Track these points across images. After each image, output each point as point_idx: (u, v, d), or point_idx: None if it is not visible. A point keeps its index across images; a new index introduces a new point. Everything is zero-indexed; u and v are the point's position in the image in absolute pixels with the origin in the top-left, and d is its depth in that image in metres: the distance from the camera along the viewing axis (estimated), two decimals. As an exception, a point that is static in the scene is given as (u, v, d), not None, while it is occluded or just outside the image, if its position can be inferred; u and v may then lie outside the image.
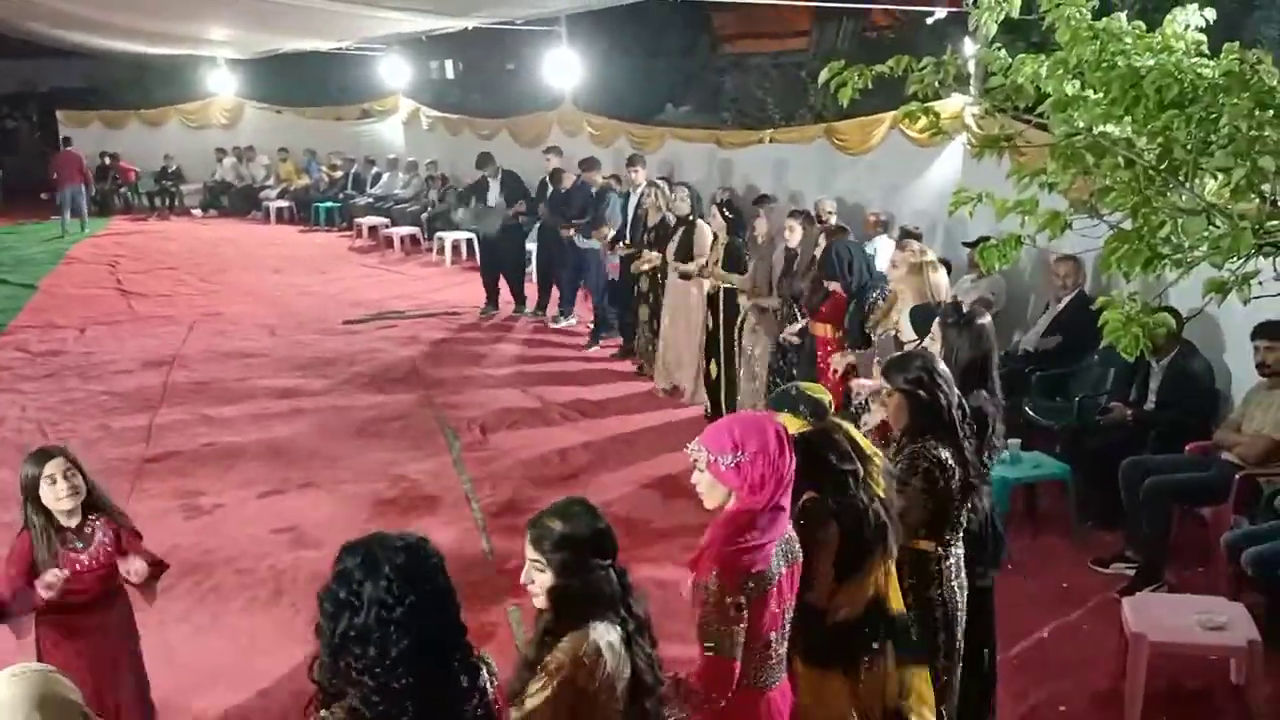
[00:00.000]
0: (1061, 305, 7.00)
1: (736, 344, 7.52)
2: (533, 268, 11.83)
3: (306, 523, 6.19)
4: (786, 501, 2.71)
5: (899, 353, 4.10)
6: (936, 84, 2.85)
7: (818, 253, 6.51)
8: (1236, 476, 5.08)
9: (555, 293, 11.29)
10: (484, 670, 2.19)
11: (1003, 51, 2.95)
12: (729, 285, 7.54)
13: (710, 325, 7.74)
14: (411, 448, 7.44)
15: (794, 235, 6.90)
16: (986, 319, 3.95)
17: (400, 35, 16.34)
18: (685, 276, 8.13)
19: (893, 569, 3.05)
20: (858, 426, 3.40)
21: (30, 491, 3.40)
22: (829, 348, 6.22)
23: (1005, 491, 5.60)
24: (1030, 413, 6.48)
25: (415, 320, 11.37)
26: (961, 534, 3.43)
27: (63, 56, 23.53)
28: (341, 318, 11.45)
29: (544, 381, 9.05)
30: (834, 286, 6.14)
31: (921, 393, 3.29)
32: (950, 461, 3.26)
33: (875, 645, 2.97)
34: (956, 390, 3.38)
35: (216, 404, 8.48)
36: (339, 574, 2.06)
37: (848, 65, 3.04)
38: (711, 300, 7.73)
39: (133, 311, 12.05)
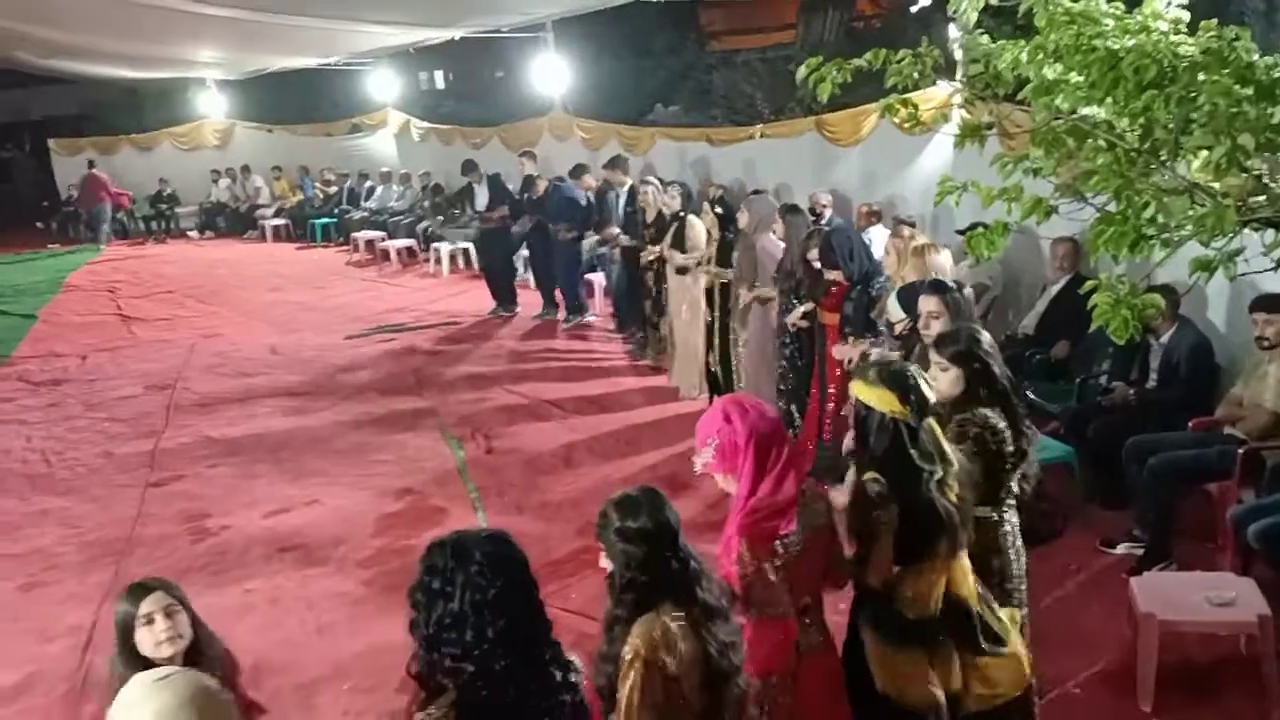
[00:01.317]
0: (1059, 288, 7.00)
1: (732, 335, 7.63)
2: (528, 272, 12.09)
3: (314, 541, 6.19)
4: (783, 461, 2.78)
5: (949, 328, 4.12)
6: (915, 75, 2.85)
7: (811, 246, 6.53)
8: (1240, 451, 5.07)
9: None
10: (574, 664, 2.27)
11: (985, 37, 2.95)
12: (723, 280, 7.58)
13: (709, 319, 7.80)
14: (416, 460, 7.44)
15: (780, 228, 7.10)
16: (967, 291, 4.26)
17: (388, 49, 16.38)
18: (681, 270, 8.20)
19: (966, 567, 3.05)
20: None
21: (124, 634, 2.79)
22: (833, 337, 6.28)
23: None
24: (1031, 396, 6.47)
25: (415, 331, 11.38)
26: (1014, 501, 3.48)
27: (54, 84, 23.66)
28: (342, 333, 11.47)
29: (546, 385, 9.06)
30: (834, 275, 6.13)
31: (975, 364, 3.38)
32: (1002, 426, 3.32)
33: (945, 637, 2.99)
34: (1003, 362, 3.48)
35: (220, 425, 8.50)
36: (429, 568, 2.13)
37: (831, 58, 3.05)
38: (709, 294, 7.80)
39: (133, 336, 12.07)
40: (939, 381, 3.42)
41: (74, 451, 8.07)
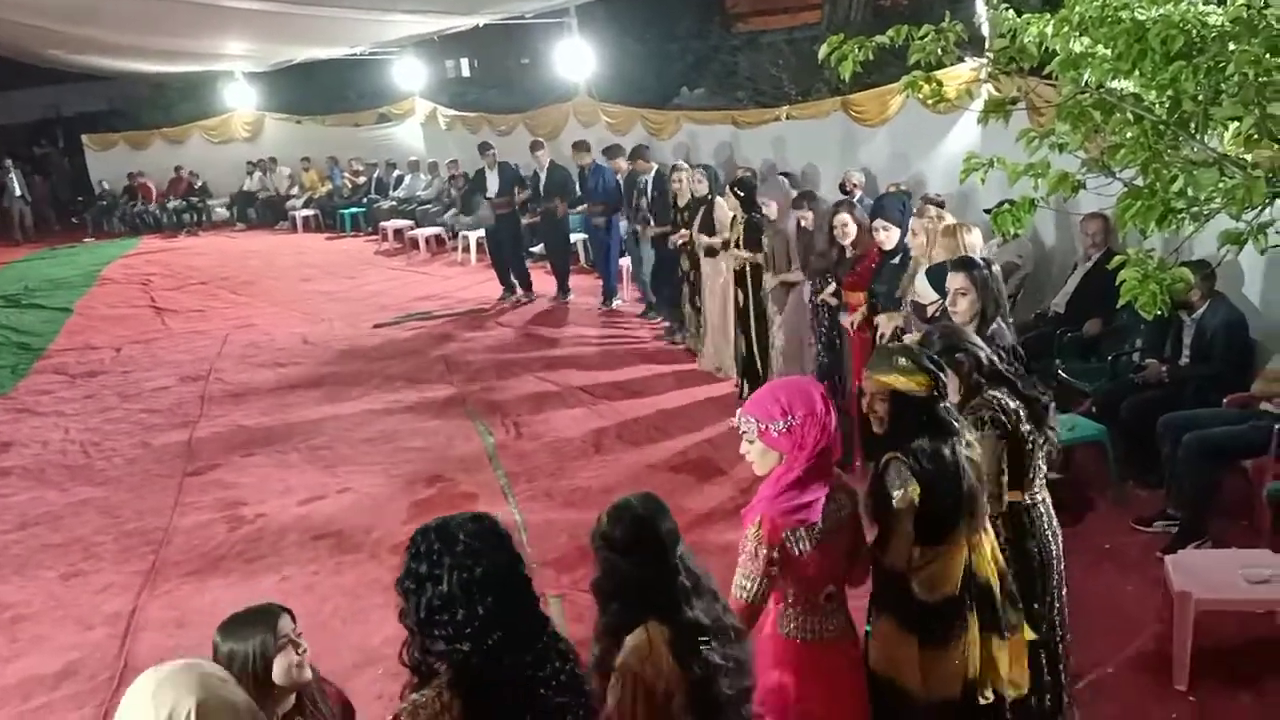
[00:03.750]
0: (1090, 264, 6.92)
1: (767, 318, 7.61)
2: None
3: (347, 527, 6.25)
4: (830, 455, 2.80)
5: (919, 338, 4.10)
6: (939, 51, 2.82)
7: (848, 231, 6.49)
8: (1276, 427, 5.00)
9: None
10: (562, 641, 2.25)
11: (1011, 12, 2.92)
12: (752, 262, 7.55)
13: (740, 301, 7.76)
14: (447, 447, 7.49)
15: (807, 217, 7.11)
16: (996, 267, 4.18)
17: (413, 37, 16.41)
18: (710, 253, 8.22)
19: (984, 539, 3.03)
20: None
21: (260, 662, 2.49)
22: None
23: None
24: (1063, 375, 6.42)
25: (444, 319, 11.44)
26: (1043, 480, 3.46)
27: (85, 81, 23.93)
28: (371, 321, 11.54)
29: (575, 370, 9.09)
30: (885, 237, 6.04)
31: (958, 356, 3.35)
32: (1014, 405, 3.30)
33: (965, 618, 2.97)
34: (981, 341, 3.46)
35: (254, 414, 8.58)
36: (415, 554, 2.14)
37: (853, 37, 3.02)
38: (739, 276, 7.76)
39: (167, 328, 12.21)
40: (949, 390, 3.40)
41: (111, 442, 8.19)
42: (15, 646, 5.20)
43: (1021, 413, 3.31)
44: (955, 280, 4.07)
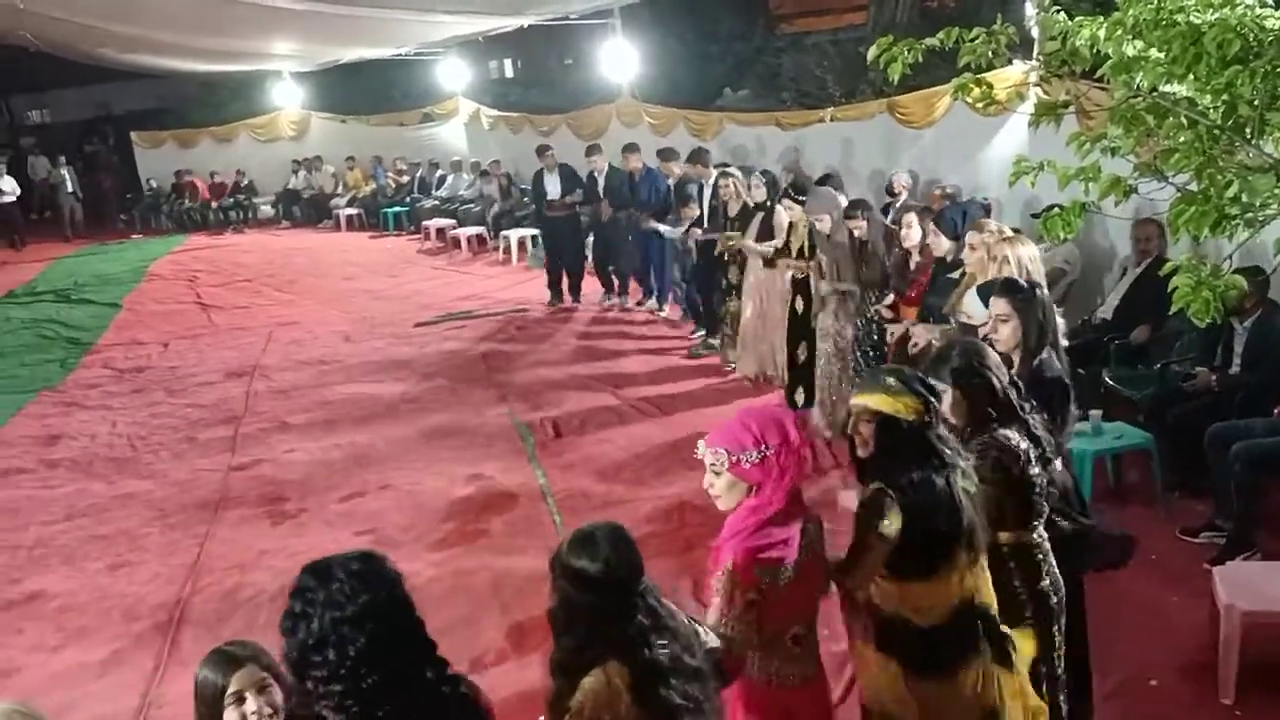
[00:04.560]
0: (1140, 270, 6.82)
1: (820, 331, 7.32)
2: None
3: (387, 525, 6.30)
4: (799, 487, 2.70)
5: (939, 343, 4.03)
6: (989, 54, 2.79)
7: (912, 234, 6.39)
8: (1329, 438, 4.91)
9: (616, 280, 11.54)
10: (463, 684, 2.16)
11: (1062, 15, 2.89)
12: (805, 273, 7.38)
13: (799, 310, 7.55)
14: (486, 446, 7.53)
15: (861, 227, 6.76)
16: (1044, 291, 3.96)
17: (458, 38, 16.52)
18: (769, 263, 7.95)
19: (983, 567, 2.95)
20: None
21: (209, 706, 2.38)
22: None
23: (1088, 463, 5.49)
24: (1111, 382, 6.34)
25: (485, 319, 11.50)
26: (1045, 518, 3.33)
27: (135, 79, 24.34)
28: (413, 320, 11.62)
29: (617, 375, 9.08)
30: (945, 250, 5.92)
31: (976, 379, 3.19)
32: (1024, 447, 3.15)
33: (975, 646, 2.88)
34: (1005, 371, 3.30)
35: (296, 411, 8.68)
36: (294, 591, 2.07)
37: (902, 39, 3.00)
38: (800, 285, 7.55)
39: (213, 324, 12.38)
40: (943, 405, 3.23)
41: (158, 436, 8.31)
42: (61, 636, 5.29)
43: (1031, 454, 3.16)
44: (997, 305, 3.85)
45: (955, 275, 5.75)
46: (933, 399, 2.84)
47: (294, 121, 21.79)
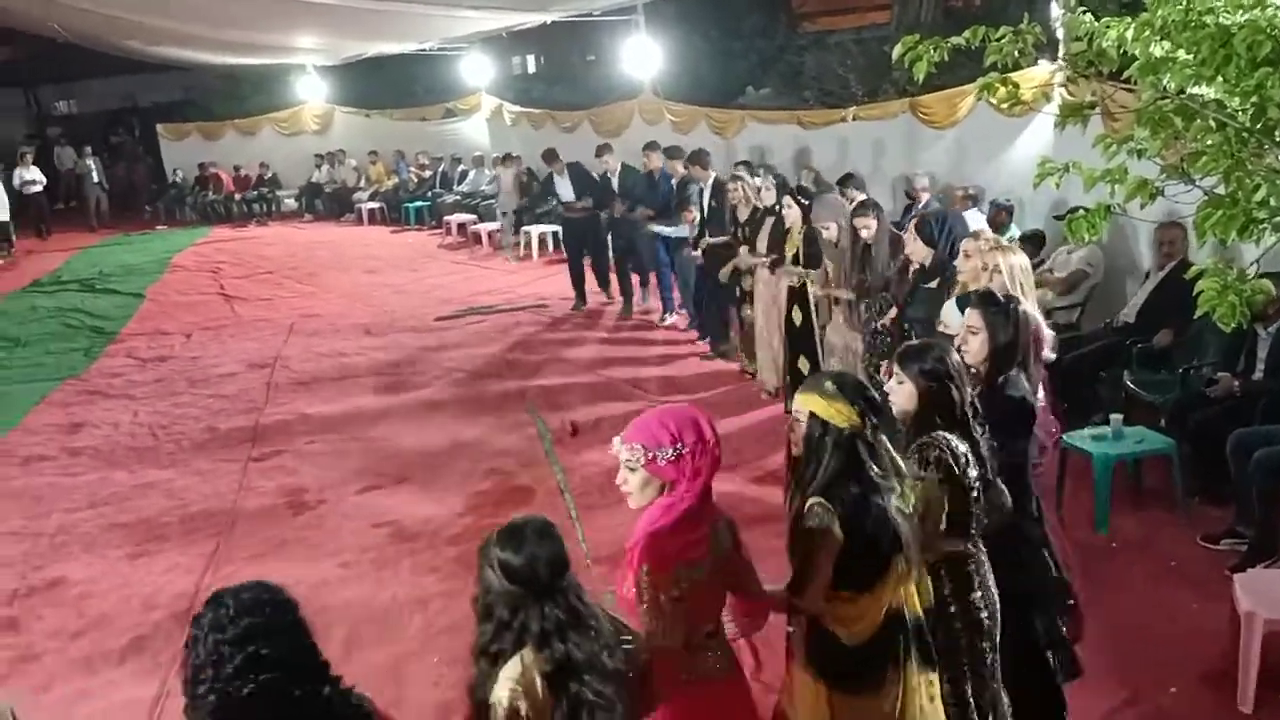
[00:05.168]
0: (1163, 274, 6.77)
1: (821, 337, 7.22)
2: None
3: (405, 517, 6.33)
4: (710, 486, 2.68)
5: (914, 341, 3.96)
6: (1015, 53, 2.77)
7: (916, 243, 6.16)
8: (1354, 446, 4.86)
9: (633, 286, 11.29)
10: (364, 702, 2.24)
11: (1088, 15, 2.87)
12: (805, 279, 7.23)
13: (800, 319, 7.37)
14: (504, 440, 7.54)
15: (869, 227, 6.51)
16: (1025, 306, 3.86)
17: (481, 33, 16.54)
18: (772, 270, 7.71)
19: (914, 591, 2.90)
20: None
21: None
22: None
23: (1107, 468, 5.46)
24: (1132, 386, 6.30)
25: (505, 314, 11.52)
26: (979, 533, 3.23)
27: (160, 71, 24.49)
28: (433, 315, 11.67)
29: (633, 370, 9.10)
30: (924, 256, 5.85)
31: (935, 384, 3.13)
32: (963, 450, 3.09)
33: (896, 662, 2.83)
34: (969, 388, 3.23)
35: (317, 403, 8.72)
36: (193, 618, 2.16)
37: (926, 38, 2.99)
38: (796, 293, 7.38)
39: (235, 316, 12.46)
40: (894, 394, 3.21)
41: (179, 426, 8.37)
42: (82, 622, 5.34)
43: (969, 458, 3.09)
44: (969, 316, 3.72)
45: (933, 285, 5.61)
46: (871, 413, 2.76)
47: (318, 115, 21.89)
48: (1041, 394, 4.12)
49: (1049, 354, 4.29)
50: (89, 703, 4.60)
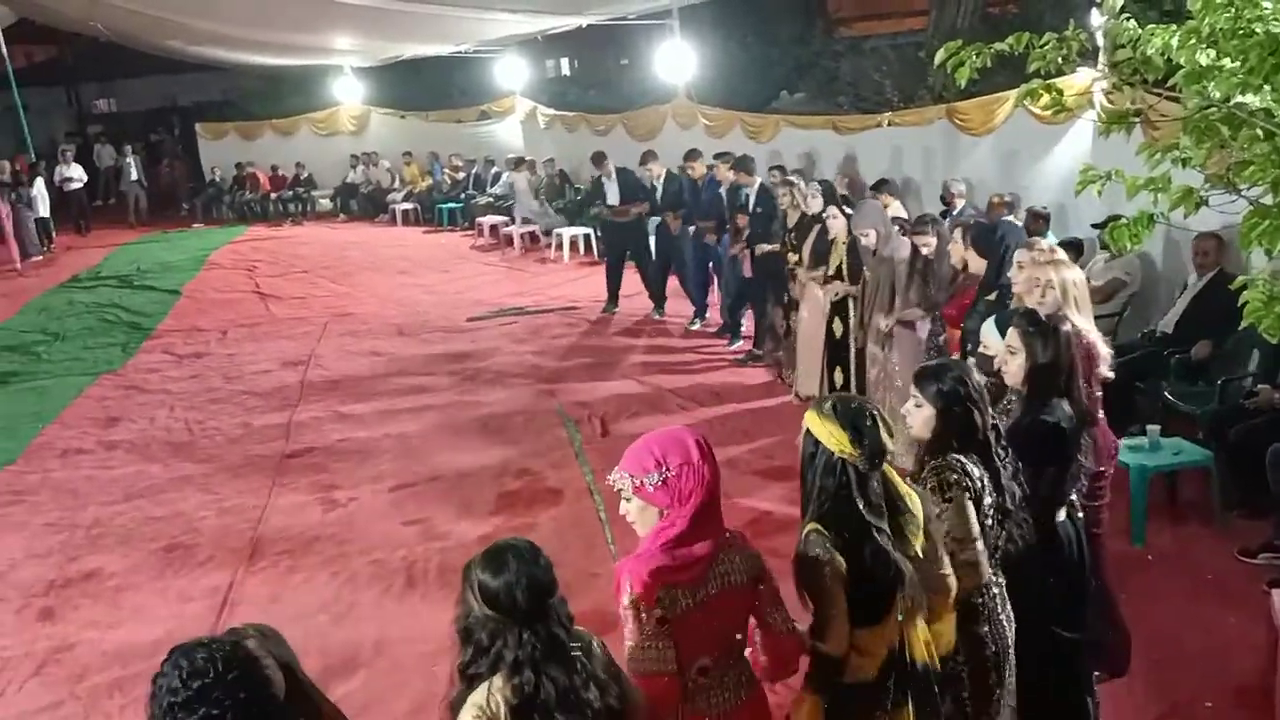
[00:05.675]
0: (1201, 284, 6.70)
1: (869, 357, 7.00)
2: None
3: (436, 515, 6.36)
4: (718, 513, 2.56)
5: (932, 361, 3.80)
6: (1059, 60, 2.75)
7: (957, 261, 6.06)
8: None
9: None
10: None
11: (1131, 22, 2.84)
12: (847, 294, 7.14)
13: (840, 331, 7.25)
14: (534, 441, 7.57)
15: (929, 244, 6.36)
16: (1068, 326, 3.66)
17: (516, 36, 16.63)
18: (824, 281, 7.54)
19: (920, 623, 2.75)
20: None
21: None
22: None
23: (1144, 480, 5.41)
24: (1169, 397, 6.23)
25: (536, 316, 11.56)
26: (998, 561, 3.10)
27: (199, 71, 24.83)
28: (465, 315, 11.72)
29: (664, 374, 9.09)
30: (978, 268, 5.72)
31: (955, 408, 3.01)
32: (978, 474, 2.98)
33: (898, 704, 2.71)
34: (991, 411, 3.11)
35: (349, 401, 8.79)
36: (153, 676, 2.15)
37: (966, 44, 2.97)
38: (837, 306, 7.26)
39: (270, 314, 12.57)
40: (911, 418, 3.11)
41: (214, 421, 8.46)
42: (117, 614, 5.41)
43: (985, 482, 2.99)
44: (1009, 335, 3.56)
45: (992, 298, 5.42)
46: (866, 442, 2.62)
47: (354, 116, 22.07)
48: (1100, 413, 4.03)
49: (1106, 372, 4.09)
50: (125, 693, 4.65)
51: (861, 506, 2.62)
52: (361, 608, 5.34)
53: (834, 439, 2.65)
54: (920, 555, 2.71)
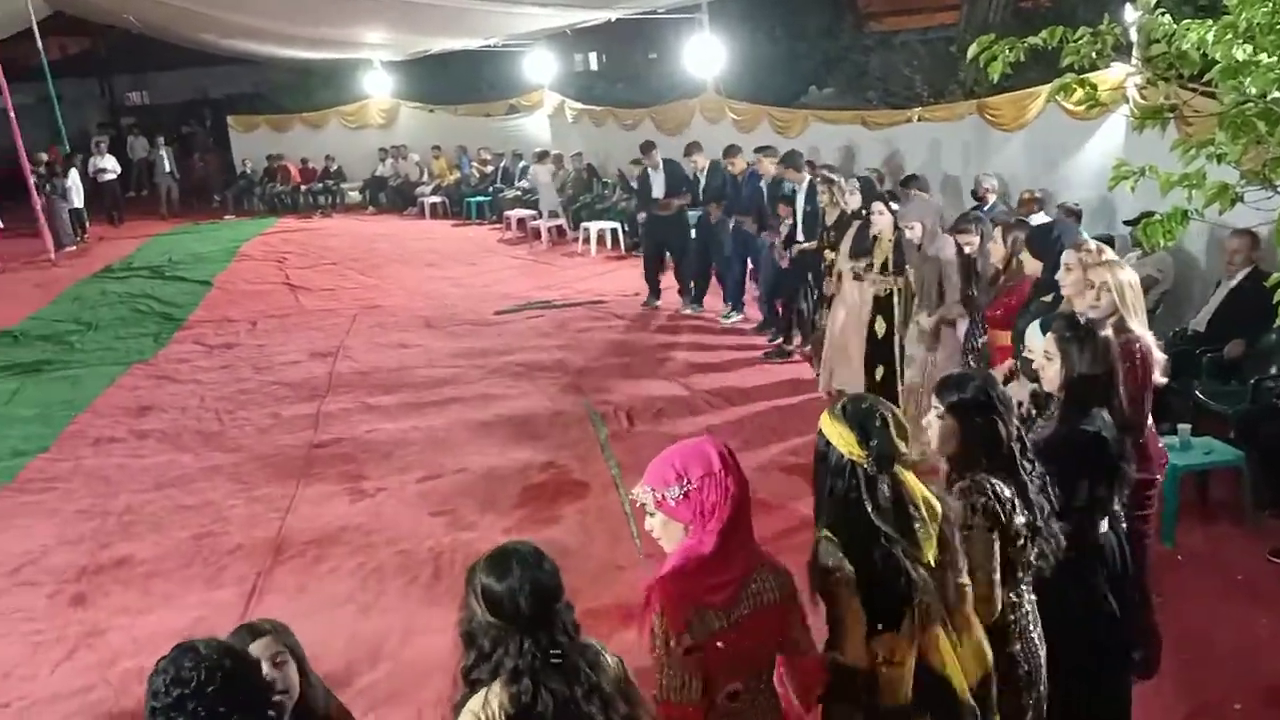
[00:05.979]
0: (1234, 282, 6.62)
1: (906, 356, 6.86)
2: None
3: (462, 507, 6.39)
4: (748, 528, 2.48)
5: (953, 371, 3.78)
6: (1094, 54, 2.73)
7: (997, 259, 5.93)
8: None
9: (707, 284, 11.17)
10: None
11: (1166, 17, 2.81)
12: (891, 288, 6.97)
13: (883, 330, 7.08)
14: (560, 434, 7.59)
15: (973, 243, 6.24)
16: (1108, 332, 3.49)
17: (546, 30, 16.64)
18: (858, 277, 7.37)
19: (947, 645, 2.66)
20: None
21: None
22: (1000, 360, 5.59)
23: (1175, 479, 5.36)
24: (1201, 396, 6.17)
25: (563, 310, 11.58)
26: (1030, 581, 3.02)
27: (231, 64, 25.03)
28: (492, 308, 11.75)
29: (693, 371, 9.07)
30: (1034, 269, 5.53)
31: (977, 418, 2.91)
32: (1008, 495, 2.88)
33: None
34: (1016, 421, 3.01)
35: (378, 393, 8.84)
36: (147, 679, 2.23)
37: (999, 39, 2.95)
38: (881, 303, 7.09)
39: (300, 305, 12.67)
40: (933, 429, 3.00)
41: (244, 411, 8.54)
42: (148, 601, 5.48)
43: (1016, 503, 2.89)
44: (1046, 340, 3.45)
45: (1048, 299, 5.13)
46: (874, 444, 2.56)
47: (383, 110, 22.18)
48: (1150, 421, 3.92)
49: (1160, 378, 3.95)
50: (154, 679, 4.71)
51: (869, 509, 2.57)
52: (388, 598, 5.38)
53: (843, 440, 2.61)
54: (933, 563, 2.63)
